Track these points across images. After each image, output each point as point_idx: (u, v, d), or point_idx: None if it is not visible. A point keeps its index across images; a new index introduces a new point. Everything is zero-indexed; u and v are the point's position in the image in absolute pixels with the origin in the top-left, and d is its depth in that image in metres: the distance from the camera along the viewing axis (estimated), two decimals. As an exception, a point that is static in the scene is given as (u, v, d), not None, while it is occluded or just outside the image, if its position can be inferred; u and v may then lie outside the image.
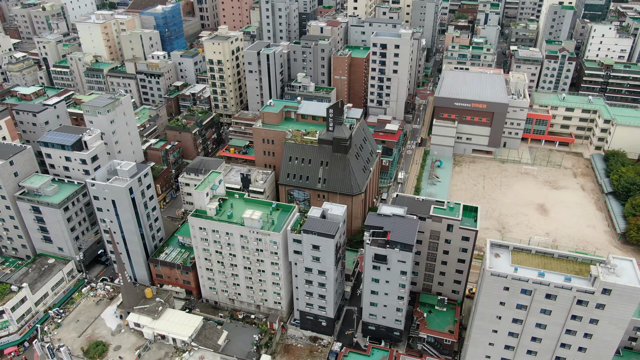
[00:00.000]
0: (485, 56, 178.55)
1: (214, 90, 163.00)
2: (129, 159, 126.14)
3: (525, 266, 63.14)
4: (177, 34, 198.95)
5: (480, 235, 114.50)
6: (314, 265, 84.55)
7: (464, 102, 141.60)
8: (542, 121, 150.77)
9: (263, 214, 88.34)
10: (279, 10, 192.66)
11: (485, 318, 66.03)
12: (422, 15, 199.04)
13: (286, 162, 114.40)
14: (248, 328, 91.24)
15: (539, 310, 61.97)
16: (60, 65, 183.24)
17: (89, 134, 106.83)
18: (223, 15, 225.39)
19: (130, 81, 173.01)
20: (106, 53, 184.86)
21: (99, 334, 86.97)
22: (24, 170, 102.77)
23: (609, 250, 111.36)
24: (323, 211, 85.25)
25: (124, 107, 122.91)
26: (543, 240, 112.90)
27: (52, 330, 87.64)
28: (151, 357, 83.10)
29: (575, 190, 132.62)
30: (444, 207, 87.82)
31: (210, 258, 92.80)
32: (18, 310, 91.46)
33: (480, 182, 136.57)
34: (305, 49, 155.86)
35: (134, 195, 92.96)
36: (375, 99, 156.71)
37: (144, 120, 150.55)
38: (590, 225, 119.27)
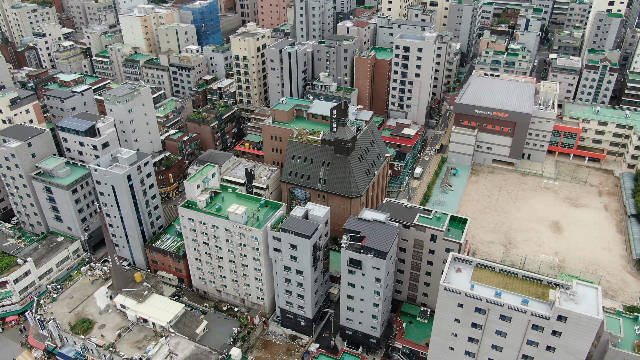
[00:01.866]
0: (520, 63, 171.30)
1: (239, 86, 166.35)
2: (146, 148, 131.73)
3: (485, 284, 60.38)
4: (214, 29, 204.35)
5: (484, 249, 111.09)
6: (292, 264, 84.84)
7: (485, 110, 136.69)
8: (571, 134, 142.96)
9: (248, 210, 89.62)
10: (312, 9, 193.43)
11: (442, 334, 63.79)
12: (458, 19, 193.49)
13: (289, 160, 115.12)
14: (229, 320, 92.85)
15: (494, 331, 59.14)
16: (102, 55, 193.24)
17: (103, 122, 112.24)
18: (262, 12, 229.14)
19: (164, 73, 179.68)
20: (145, 45, 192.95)
21: (88, 311, 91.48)
22: (41, 152, 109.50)
23: (621, 276, 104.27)
24: (306, 211, 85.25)
25: (143, 98, 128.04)
26: (549, 259, 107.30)
27: (47, 303, 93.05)
28: (130, 339, 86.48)
29: (597, 209, 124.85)
30: (430, 216, 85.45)
31: (199, 249, 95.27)
32: (21, 282, 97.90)
33: (495, 194, 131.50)
34: (328, 48, 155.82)
35: (132, 182, 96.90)
36: (396, 102, 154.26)
37: (168, 111, 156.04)
38: (606, 248, 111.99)
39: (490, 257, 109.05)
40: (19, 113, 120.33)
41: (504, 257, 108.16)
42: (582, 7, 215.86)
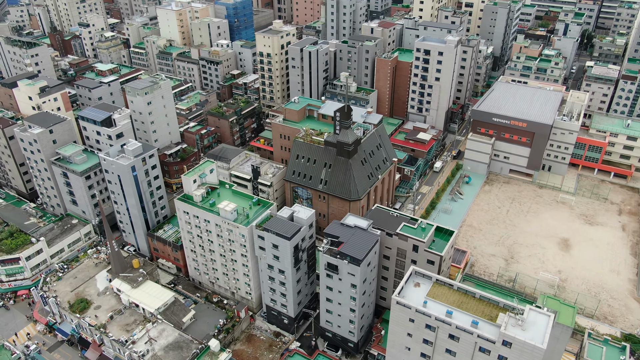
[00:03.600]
0: (552, 70, 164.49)
1: (262, 82, 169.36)
2: (164, 139, 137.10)
3: (439, 301, 59.76)
4: (247, 24, 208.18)
5: (483, 262, 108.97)
6: (274, 263, 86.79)
7: (502, 118, 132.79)
8: (596, 148, 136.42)
9: (239, 207, 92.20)
10: (343, 8, 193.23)
11: (396, 347, 63.70)
12: (492, 22, 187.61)
13: (293, 160, 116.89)
14: (217, 312, 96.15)
15: (444, 349, 58.53)
16: (138, 46, 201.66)
17: (119, 113, 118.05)
18: (296, 8, 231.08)
19: (194, 66, 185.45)
20: (179, 38, 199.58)
21: (87, 292, 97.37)
22: (62, 139, 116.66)
23: (625, 301, 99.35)
24: (292, 213, 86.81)
25: (163, 91, 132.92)
26: (550, 277, 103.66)
27: (52, 281, 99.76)
28: (121, 321, 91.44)
29: (613, 229, 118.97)
30: (415, 226, 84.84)
31: (194, 241, 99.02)
32: (33, 259, 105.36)
33: (506, 205, 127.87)
34: (350, 48, 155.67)
35: (137, 173, 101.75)
36: (415, 106, 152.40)
37: (192, 104, 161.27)
38: (615, 270, 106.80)
39: (489, 271, 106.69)
40: (47, 101, 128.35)
41: (500, 272, 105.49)
42: (631, 12, 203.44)
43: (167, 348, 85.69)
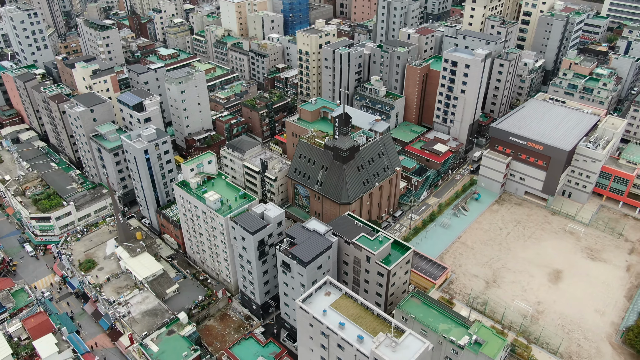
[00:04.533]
0: (599, 91, 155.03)
1: (300, 78, 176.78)
2: (195, 125, 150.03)
3: (339, 312, 64.42)
4: (301, 19, 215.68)
5: (463, 281, 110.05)
6: (243, 253, 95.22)
7: (519, 138, 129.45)
8: (622, 180, 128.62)
9: (223, 198, 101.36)
10: (394, 9, 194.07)
11: (303, 346, 69.31)
12: (547, 34, 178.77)
13: (296, 159, 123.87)
14: (200, 289, 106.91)
15: (335, 357, 63.33)
16: (199, 34, 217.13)
17: (150, 100, 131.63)
18: (354, 6, 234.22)
19: (244, 57, 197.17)
20: (237, 29, 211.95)
21: (96, 254, 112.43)
22: (102, 118, 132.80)
23: (599, 344, 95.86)
24: (263, 210, 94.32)
25: (197, 82, 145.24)
26: (524, 307, 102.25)
27: (72, 241, 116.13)
28: (114, 285, 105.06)
29: (617, 267, 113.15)
30: (372, 238, 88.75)
31: (187, 223, 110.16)
32: (62, 220, 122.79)
33: (508, 228, 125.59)
34: (383, 53, 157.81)
35: (149, 156, 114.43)
36: (441, 116, 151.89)
37: (231, 94, 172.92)
38: (600, 311, 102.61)
39: (465, 291, 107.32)
40: (98, 82, 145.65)
41: (474, 294, 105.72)
42: None
43: (144, 313, 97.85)
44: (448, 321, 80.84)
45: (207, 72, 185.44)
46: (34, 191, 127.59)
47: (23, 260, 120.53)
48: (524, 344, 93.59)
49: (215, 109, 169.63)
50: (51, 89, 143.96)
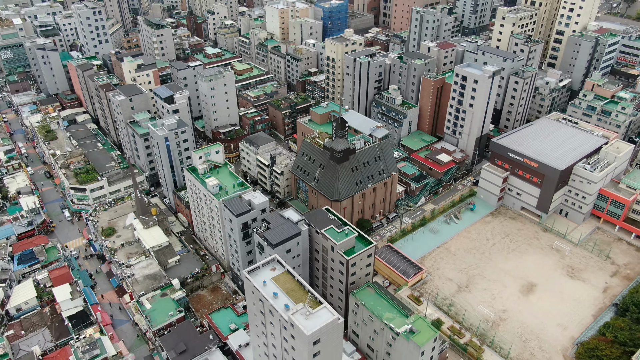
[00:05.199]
0: (617, 114, 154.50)
1: (327, 83, 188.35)
2: (222, 119, 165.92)
3: (277, 284, 75.36)
4: (340, 26, 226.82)
5: (437, 283, 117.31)
6: (231, 233, 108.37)
7: (516, 154, 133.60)
8: (619, 204, 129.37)
9: (221, 184, 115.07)
10: (426, 22, 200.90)
11: (251, 313, 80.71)
12: (574, 54, 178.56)
13: (299, 156, 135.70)
14: (198, 262, 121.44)
15: (269, 321, 74.13)
16: (244, 36, 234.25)
17: (180, 94, 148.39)
18: (394, 16, 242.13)
19: (281, 60, 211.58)
20: (279, 33, 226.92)
21: (117, 224, 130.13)
22: (139, 107, 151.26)
23: (552, 355, 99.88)
24: (250, 198, 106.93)
25: (226, 80, 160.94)
26: (486, 312, 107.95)
27: (100, 210, 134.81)
28: (127, 250, 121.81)
29: (594, 287, 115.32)
30: (339, 230, 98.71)
31: (194, 204, 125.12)
32: (96, 192, 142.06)
33: (496, 239, 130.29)
34: (402, 64, 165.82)
35: (169, 143, 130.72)
36: (450, 127, 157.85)
37: (261, 93, 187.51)
38: (562, 325, 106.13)
39: (433, 292, 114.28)
40: (141, 75, 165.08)
41: (443, 295, 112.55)
42: None
43: (145, 277, 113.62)
44: (394, 311, 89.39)
45: (244, 71, 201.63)
46: (77, 166, 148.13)
47: (61, 224, 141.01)
48: (477, 345, 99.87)
49: (246, 106, 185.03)
50: (102, 79, 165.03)
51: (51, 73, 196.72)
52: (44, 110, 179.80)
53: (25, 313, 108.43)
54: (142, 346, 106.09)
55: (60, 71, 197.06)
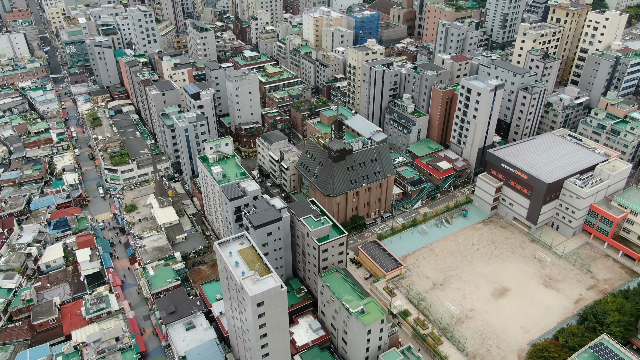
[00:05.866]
0: (625, 134, 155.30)
1: (348, 88, 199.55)
2: (246, 117, 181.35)
3: (241, 256, 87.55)
4: (370, 36, 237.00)
5: (413, 279, 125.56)
6: (227, 216, 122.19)
7: (509, 166, 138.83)
8: (608, 221, 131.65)
9: (225, 172, 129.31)
10: (451, 35, 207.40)
11: (221, 278, 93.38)
12: (594, 72, 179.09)
13: (304, 154, 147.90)
14: (202, 241, 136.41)
15: (232, 284, 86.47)
16: (281, 41, 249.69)
17: (206, 91, 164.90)
18: (426, 27, 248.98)
19: (312, 65, 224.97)
20: (313, 40, 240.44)
21: (138, 202, 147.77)
22: (170, 101, 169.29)
23: (508, 354, 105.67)
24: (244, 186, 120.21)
25: (250, 81, 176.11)
26: (452, 309, 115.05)
27: (127, 190, 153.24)
28: (142, 225, 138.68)
29: (566, 298, 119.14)
30: (316, 219, 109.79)
31: (204, 189, 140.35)
32: (126, 174, 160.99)
33: (481, 245, 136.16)
34: (416, 74, 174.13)
35: (188, 134, 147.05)
36: (456, 137, 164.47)
37: (286, 95, 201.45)
38: (524, 328, 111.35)
39: (410, 286, 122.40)
40: (177, 73, 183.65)
41: (415, 290, 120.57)
42: None
43: (154, 249, 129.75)
44: (354, 295, 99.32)
45: (275, 74, 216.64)
46: (113, 149, 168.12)
47: (94, 199, 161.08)
48: (437, 336, 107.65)
49: (271, 106, 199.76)
50: (144, 75, 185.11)
51: (105, 67, 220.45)
52: (93, 100, 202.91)
53: (52, 269, 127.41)
54: (143, 306, 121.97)
55: (113, 66, 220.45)
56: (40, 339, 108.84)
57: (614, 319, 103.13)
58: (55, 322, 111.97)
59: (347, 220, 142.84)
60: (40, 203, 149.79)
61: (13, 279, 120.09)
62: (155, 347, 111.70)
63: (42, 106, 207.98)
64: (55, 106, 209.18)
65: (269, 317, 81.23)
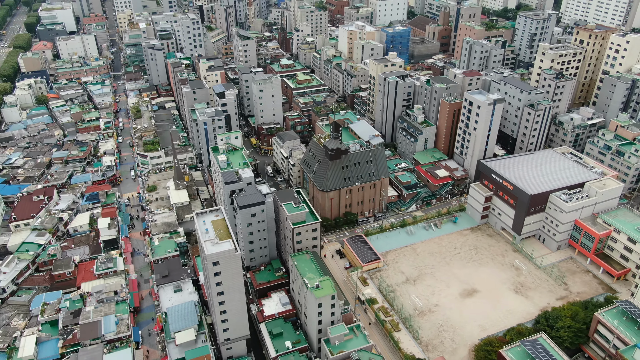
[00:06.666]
0: (629, 156, 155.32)
1: (368, 97, 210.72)
2: (268, 117, 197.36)
3: (212, 225, 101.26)
4: (400, 50, 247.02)
5: (389, 272, 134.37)
6: (224, 199, 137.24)
7: (498, 176, 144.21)
8: (591, 237, 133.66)
9: (230, 161, 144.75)
10: (474, 52, 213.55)
11: (200, 248, 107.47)
12: (610, 94, 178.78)
13: (307, 152, 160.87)
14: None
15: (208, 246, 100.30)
16: (317, 52, 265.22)
17: (230, 91, 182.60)
18: (458, 45, 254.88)
19: (340, 75, 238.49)
20: (346, 52, 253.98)
21: (159, 184, 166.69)
22: (200, 98, 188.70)
23: (459, 348, 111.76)
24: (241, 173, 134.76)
25: (273, 85, 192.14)
26: (416, 301, 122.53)
27: (152, 173, 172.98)
28: (158, 203, 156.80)
29: (533, 305, 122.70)
30: (295, 205, 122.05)
31: (214, 175, 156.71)
32: (155, 160, 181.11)
33: (463, 250, 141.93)
34: (427, 86, 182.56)
35: (207, 126, 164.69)
36: (459, 148, 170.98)
37: (310, 100, 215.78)
38: (482, 327, 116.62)
39: (383, 278, 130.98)
40: (210, 74, 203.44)
41: (387, 282, 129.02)
42: None
43: (163, 224, 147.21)
44: (316, 274, 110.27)
45: (304, 81, 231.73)
46: (147, 138, 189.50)
47: (126, 180, 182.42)
48: (395, 322, 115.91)
49: (296, 110, 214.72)
50: (183, 74, 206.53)
51: (156, 67, 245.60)
52: (139, 96, 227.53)
53: (78, 233, 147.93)
54: (147, 271, 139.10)
55: (162, 67, 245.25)
56: (57, 287, 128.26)
57: (564, 324, 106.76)
58: (71, 275, 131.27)
59: (340, 215, 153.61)
60: (79, 178, 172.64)
61: (44, 237, 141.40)
62: (149, 305, 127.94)
63: (98, 98, 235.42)
64: (109, 99, 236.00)
65: (225, 277, 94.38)
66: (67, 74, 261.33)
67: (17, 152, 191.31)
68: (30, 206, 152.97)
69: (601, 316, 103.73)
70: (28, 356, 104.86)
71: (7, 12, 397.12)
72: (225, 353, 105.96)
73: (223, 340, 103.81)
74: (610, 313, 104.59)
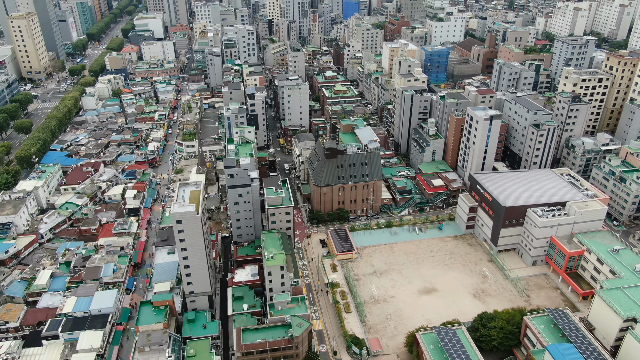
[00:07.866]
0: (630, 183, 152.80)
1: (393, 109, 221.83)
2: (295, 120, 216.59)
3: (188, 194, 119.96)
4: (438, 69, 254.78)
5: (359, 263, 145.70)
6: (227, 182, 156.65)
7: (481, 188, 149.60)
8: (562, 254, 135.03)
9: (237, 150, 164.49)
10: (503, 73, 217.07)
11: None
12: (629, 121, 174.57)
13: (312, 151, 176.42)
14: (217, 203, 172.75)
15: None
16: (361, 67, 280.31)
17: (260, 93, 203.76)
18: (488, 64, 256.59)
19: (376, 88, 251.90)
20: (387, 68, 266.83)
21: (186, 168, 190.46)
22: (236, 98, 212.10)
23: (400, 338, 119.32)
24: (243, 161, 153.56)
25: (302, 91, 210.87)
26: (374, 290, 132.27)
27: (183, 158, 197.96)
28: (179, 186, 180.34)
29: (487, 309, 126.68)
30: (277, 192, 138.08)
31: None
32: (189, 148, 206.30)
33: (438, 254, 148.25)
34: (440, 101, 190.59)
35: (230, 121, 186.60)
36: (460, 160, 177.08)
37: (339, 109, 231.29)
38: (428, 320, 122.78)
39: (352, 268, 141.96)
40: (250, 79, 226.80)
41: (355, 272, 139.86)
42: None
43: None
44: (279, 249, 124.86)
45: (340, 92, 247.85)
46: (187, 129, 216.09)
47: (165, 164, 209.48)
48: (347, 304, 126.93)
49: (326, 116, 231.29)
50: (228, 77, 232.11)
51: (214, 72, 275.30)
52: (192, 96, 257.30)
53: (111, 201, 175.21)
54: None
55: (219, 71, 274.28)
56: (82, 239, 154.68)
57: (497, 324, 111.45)
58: (95, 231, 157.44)
59: (333, 210, 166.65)
60: (125, 158, 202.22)
61: (82, 199, 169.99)
62: (149, 263, 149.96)
63: (162, 95, 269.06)
64: (171, 96, 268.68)
65: (187, 235, 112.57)
66: (142, 73, 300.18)
67: (85, 133, 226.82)
68: (80, 175, 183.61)
69: (529, 320, 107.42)
70: (41, 285, 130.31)
71: (111, 20, 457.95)
72: (190, 305, 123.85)
73: (188, 292, 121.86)
74: (539, 319, 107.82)
